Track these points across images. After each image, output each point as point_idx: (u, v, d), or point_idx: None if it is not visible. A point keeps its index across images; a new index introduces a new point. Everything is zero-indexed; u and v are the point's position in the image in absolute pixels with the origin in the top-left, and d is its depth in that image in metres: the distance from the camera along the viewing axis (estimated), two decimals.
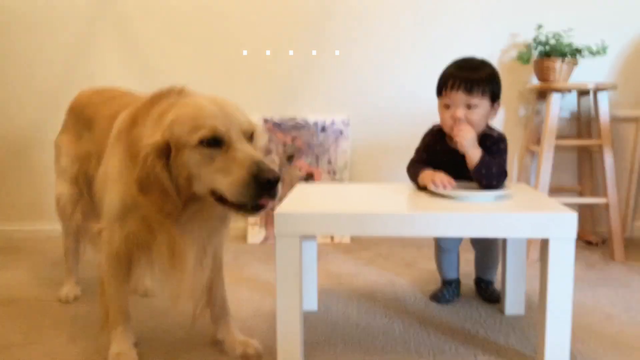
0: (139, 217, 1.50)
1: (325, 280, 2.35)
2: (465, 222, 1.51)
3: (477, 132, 1.87)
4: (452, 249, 2.09)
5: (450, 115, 1.86)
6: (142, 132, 1.47)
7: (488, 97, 1.86)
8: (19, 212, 3.18)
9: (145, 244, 1.54)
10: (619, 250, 2.60)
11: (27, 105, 3.11)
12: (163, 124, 1.41)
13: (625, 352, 1.69)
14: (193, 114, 1.40)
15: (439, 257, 2.12)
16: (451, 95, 1.86)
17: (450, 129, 1.87)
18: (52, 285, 2.32)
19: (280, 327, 1.58)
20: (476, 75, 1.85)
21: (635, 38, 2.90)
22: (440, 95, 1.92)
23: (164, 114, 1.44)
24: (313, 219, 1.55)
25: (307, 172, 3.01)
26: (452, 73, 1.88)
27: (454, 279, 2.12)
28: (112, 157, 1.57)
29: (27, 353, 1.72)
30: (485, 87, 1.85)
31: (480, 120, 1.87)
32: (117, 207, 1.52)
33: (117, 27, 3.04)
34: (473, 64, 1.90)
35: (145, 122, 1.48)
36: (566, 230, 1.48)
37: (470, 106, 1.85)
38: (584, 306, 2.03)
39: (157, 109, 1.48)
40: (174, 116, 1.41)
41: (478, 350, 1.71)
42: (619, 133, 2.95)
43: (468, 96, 1.84)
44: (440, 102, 1.92)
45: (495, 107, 1.91)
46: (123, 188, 1.50)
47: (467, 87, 1.83)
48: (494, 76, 1.89)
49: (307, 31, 3.00)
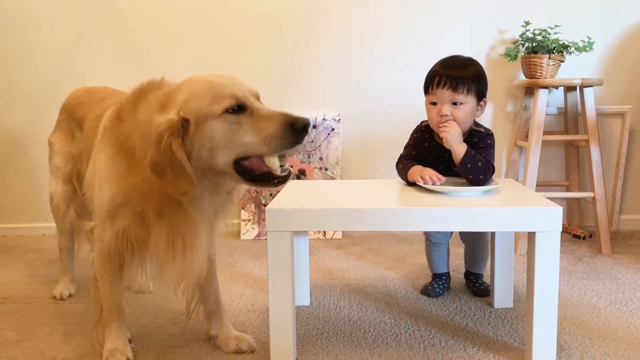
0: (130, 212, 1.50)
1: (317, 275, 2.37)
2: (454, 216, 1.54)
3: (464, 129, 1.90)
4: (442, 243, 2.13)
5: (437, 112, 1.90)
6: (129, 126, 1.47)
7: (474, 95, 1.90)
8: (13, 210, 3.18)
9: (139, 239, 1.54)
10: (605, 244, 2.64)
11: (20, 104, 3.11)
12: (174, 104, 1.40)
13: (611, 342, 1.73)
14: (208, 87, 1.41)
15: (429, 251, 2.15)
16: (437, 92, 1.89)
17: (437, 125, 1.90)
18: (47, 283, 2.33)
19: (273, 322, 1.60)
20: (462, 73, 1.89)
21: (621, 34, 2.94)
22: (427, 92, 1.95)
23: (167, 97, 1.44)
24: (305, 215, 1.57)
25: (299, 169, 3.04)
26: (438, 71, 1.91)
27: (444, 273, 2.16)
28: (99, 155, 1.57)
29: (22, 351, 1.74)
30: (470, 85, 1.88)
31: (466, 117, 1.90)
32: (107, 204, 1.53)
33: (110, 27, 3.05)
34: (459, 62, 1.93)
35: (134, 116, 1.47)
36: (552, 224, 1.51)
37: (456, 103, 1.88)
38: (571, 298, 2.07)
39: (149, 99, 1.49)
40: (187, 94, 1.40)
41: (468, 342, 1.74)
42: (605, 128, 2.99)
43: (454, 93, 1.87)
44: (427, 100, 1.95)
45: (481, 105, 1.95)
46: (112, 185, 1.51)
47: (452, 84, 1.87)
48: (480, 74, 1.92)
49: (298, 29, 3.01)
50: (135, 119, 1.47)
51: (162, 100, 1.44)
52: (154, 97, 1.48)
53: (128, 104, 1.53)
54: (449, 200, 1.64)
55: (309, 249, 2.09)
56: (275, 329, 1.61)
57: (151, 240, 1.51)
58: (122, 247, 1.56)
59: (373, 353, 1.68)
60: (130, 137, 1.46)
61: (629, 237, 2.90)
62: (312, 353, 1.69)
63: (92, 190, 1.62)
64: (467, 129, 1.93)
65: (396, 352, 1.68)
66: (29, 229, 3.16)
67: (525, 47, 2.78)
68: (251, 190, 3.03)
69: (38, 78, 3.08)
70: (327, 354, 1.68)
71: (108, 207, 1.53)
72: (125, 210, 1.51)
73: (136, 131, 1.45)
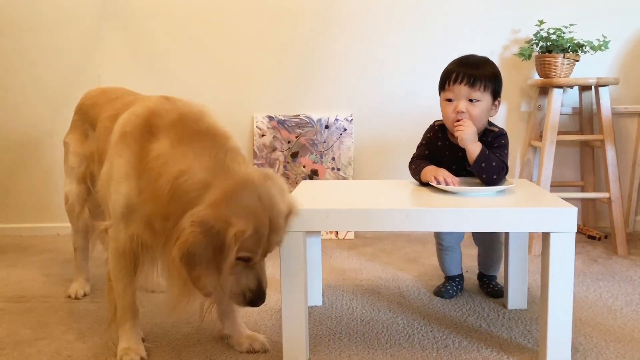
0: (142, 219, 1.51)
1: (329, 276, 2.37)
2: (467, 217, 1.53)
3: (478, 128, 1.89)
4: (453, 247, 2.11)
5: (453, 109, 1.89)
6: (162, 147, 1.46)
7: (490, 93, 1.89)
8: (29, 210, 3.22)
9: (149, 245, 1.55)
10: (621, 245, 2.62)
11: (35, 105, 3.15)
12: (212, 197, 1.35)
13: (627, 344, 1.71)
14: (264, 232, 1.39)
15: (440, 255, 2.14)
16: (454, 88, 1.89)
17: (452, 123, 1.89)
18: (62, 282, 2.35)
19: (285, 322, 1.61)
20: (479, 70, 1.89)
21: (636, 33, 2.90)
22: (442, 89, 1.94)
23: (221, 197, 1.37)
24: (317, 215, 1.57)
25: (311, 169, 3.04)
26: (455, 68, 1.91)
27: (457, 275, 2.15)
28: (118, 158, 1.57)
29: (37, 349, 1.75)
30: (487, 83, 1.88)
31: (482, 114, 1.89)
32: (122, 207, 1.54)
33: (124, 28, 3.07)
34: (476, 60, 1.94)
35: (175, 151, 1.45)
36: (566, 225, 1.50)
37: (473, 100, 1.87)
38: (587, 300, 2.05)
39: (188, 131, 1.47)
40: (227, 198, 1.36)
41: (481, 344, 1.73)
42: (621, 128, 2.96)
43: (471, 89, 1.87)
44: (442, 97, 1.95)
45: (496, 104, 1.94)
46: (129, 189, 1.51)
47: (470, 80, 1.87)
48: (496, 74, 1.92)
49: (311, 29, 3.02)
50: (177, 150, 1.45)
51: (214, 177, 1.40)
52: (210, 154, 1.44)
53: (171, 125, 1.50)
54: (462, 201, 1.63)
55: (321, 249, 2.09)
56: (288, 328, 1.61)
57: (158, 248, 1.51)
58: (137, 248, 1.57)
59: (386, 354, 1.67)
60: (161, 162, 1.44)
61: None
62: (324, 353, 1.68)
63: (107, 191, 1.63)
64: (481, 127, 1.92)
65: (409, 353, 1.67)
66: (44, 229, 3.20)
67: (540, 47, 2.76)
68: None
69: (53, 79, 3.11)
70: (340, 354, 1.67)
71: (123, 209, 1.54)
72: (138, 215, 1.52)
73: (172, 165, 1.42)
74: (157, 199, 1.43)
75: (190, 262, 1.34)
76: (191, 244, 1.32)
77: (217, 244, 1.34)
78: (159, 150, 1.47)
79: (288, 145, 3.05)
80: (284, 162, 3.04)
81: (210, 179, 1.39)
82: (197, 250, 1.32)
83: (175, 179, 1.40)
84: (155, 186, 1.43)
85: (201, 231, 1.32)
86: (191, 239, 1.32)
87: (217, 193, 1.36)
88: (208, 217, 1.33)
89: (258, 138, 3.05)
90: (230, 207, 1.35)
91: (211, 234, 1.32)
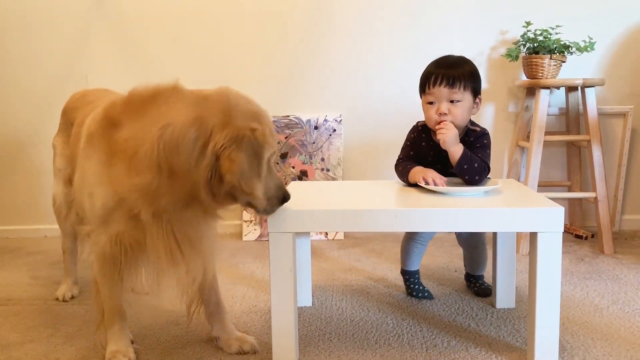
0: (124, 216, 1.49)
1: (319, 276, 2.37)
2: (456, 217, 1.54)
3: (461, 127, 1.91)
4: (426, 241, 2.12)
5: (435, 111, 1.90)
6: (132, 129, 1.44)
7: (470, 92, 1.91)
8: (15, 212, 3.19)
9: (134, 243, 1.53)
10: (607, 244, 2.64)
11: (23, 106, 3.12)
12: (216, 120, 1.39)
13: (613, 343, 1.72)
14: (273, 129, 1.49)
15: (409, 248, 2.12)
16: (434, 91, 1.90)
17: (435, 124, 1.91)
18: (50, 284, 2.34)
19: (275, 323, 1.61)
20: (457, 70, 1.90)
21: (622, 34, 2.94)
22: (423, 93, 1.96)
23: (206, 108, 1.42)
24: (306, 216, 1.57)
25: (300, 169, 3.04)
26: (433, 70, 1.93)
27: (416, 270, 2.15)
28: (88, 161, 1.54)
29: (24, 352, 1.74)
30: (466, 83, 1.90)
31: (464, 114, 1.91)
32: (99, 210, 1.51)
33: (113, 28, 3.05)
34: (453, 61, 1.95)
35: (141, 118, 1.44)
36: (554, 224, 1.51)
37: (454, 100, 1.89)
38: (574, 299, 2.07)
39: (171, 103, 1.45)
40: (229, 113, 1.41)
41: (470, 343, 1.74)
42: (607, 128, 2.99)
43: (451, 90, 1.88)
44: (423, 100, 1.96)
45: (477, 102, 1.96)
46: (104, 191, 1.49)
47: (449, 81, 1.88)
48: (474, 72, 1.94)
49: (300, 30, 3.02)
50: (143, 121, 1.44)
51: (198, 110, 1.42)
52: (180, 102, 1.45)
53: (126, 107, 1.49)
54: (450, 201, 1.64)
55: (310, 249, 2.09)
56: (278, 330, 1.61)
57: (148, 243, 1.49)
58: (117, 251, 1.55)
59: (375, 354, 1.68)
60: (131, 140, 1.43)
61: (631, 237, 2.89)
62: (314, 354, 1.69)
63: (82, 197, 1.60)
64: (463, 126, 1.93)
65: (398, 353, 1.68)
66: (31, 231, 3.17)
67: (527, 48, 2.78)
68: None
69: (41, 79, 3.09)
70: (330, 355, 1.68)
71: (101, 212, 1.52)
72: (118, 215, 1.50)
73: (147, 133, 1.41)
74: (148, 168, 1.40)
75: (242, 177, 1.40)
76: (239, 162, 1.38)
77: (254, 151, 1.41)
78: (126, 133, 1.45)
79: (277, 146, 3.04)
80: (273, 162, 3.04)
81: (196, 112, 1.41)
82: (244, 166, 1.39)
83: (160, 136, 1.38)
84: (139, 158, 1.40)
85: (237, 147, 1.38)
86: (237, 158, 1.38)
87: (216, 116, 1.40)
88: (234, 134, 1.38)
89: None
90: (238, 118, 1.41)
91: (246, 145, 1.39)
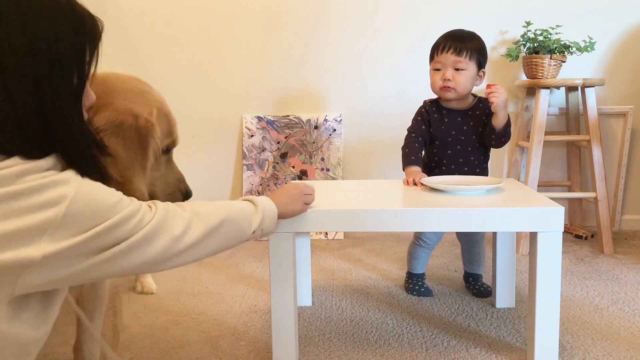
0: None
1: (319, 276, 2.37)
2: (455, 217, 1.54)
3: (464, 94, 2.04)
4: (433, 245, 2.17)
5: (440, 77, 2.02)
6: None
7: (475, 63, 2.01)
8: None
9: None
10: (607, 244, 2.64)
11: None
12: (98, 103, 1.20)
13: (613, 343, 1.73)
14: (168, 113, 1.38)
15: (416, 252, 2.17)
16: (441, 58, 2.02)
17: (439, 90, 2.04)
18: None
19: (275, 323, 1.61)
20: (465, 43, 2.02)
21: (622, 34, 2.93)
22: (432, 59, 2.07)
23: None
24: (306, 216, 1.57)
25: (300, 169, 3.04)
26: (443, 40, 2.05)
27: (422, 273, 2.20)
28: None
29: None
30: (472, 53, 2.00)
31: (466, 82, 2.01)
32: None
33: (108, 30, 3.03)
34: (464, 34, 2.07)
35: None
36: (553, 224, 1.51)
37: (458, 68, 1.99)
38: (573, 299, 2.07)
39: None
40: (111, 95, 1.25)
41: (470, 343, 1.74)
42: (607, 128, 2.99)
43: (457, 57, 1.99)
44: (431, 67, 2.08)
45: (480, 75, 2.06)
46: None
47: (456, 49, 2.00)
48: (482, 46, 2.06)
49: (300, 30, 3.02)
50: None
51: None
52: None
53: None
54: (450, 201, 1.64)
55: (310, 249, 2.09)
56: (277, 329, 1.61)
57: None
58: None
59: (375, 354, 1.68)
60: None
61: (631, 237, 2.89)
62: (314, 354, 1.69)
63: None
64: (466, 94, 2.05)
65: (398, 353, 1.68)
66: None
67: (527, 48, 2.78)
68: (253, 192, 3.03)
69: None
70: (329, 355, 1.68)
71: None
72: None
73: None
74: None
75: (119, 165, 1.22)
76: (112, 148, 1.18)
77: (137, 138, 1.23)
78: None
79: (277, 146, 3.04)
80: (273, 162, 3.04)
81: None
82: (120, 153, 1.20)
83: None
84: None
85: (113, 132, 1.19)
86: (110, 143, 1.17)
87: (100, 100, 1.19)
88: (112, 118, 1.20)
89: (247, 138, 3.04)
90: (119, 100, 1.23)
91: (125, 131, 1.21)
